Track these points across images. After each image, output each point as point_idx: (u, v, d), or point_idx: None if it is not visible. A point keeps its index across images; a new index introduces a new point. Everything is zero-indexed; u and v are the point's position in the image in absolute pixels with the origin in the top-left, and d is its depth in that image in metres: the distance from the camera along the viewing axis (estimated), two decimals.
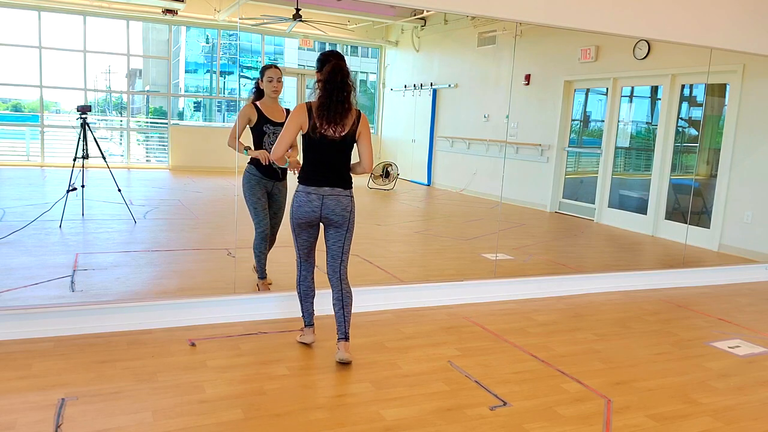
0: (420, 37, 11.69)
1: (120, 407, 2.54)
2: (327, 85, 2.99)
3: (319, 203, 3.06)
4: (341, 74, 3.00)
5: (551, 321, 4.09)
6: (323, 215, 3.08)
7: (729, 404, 2.95)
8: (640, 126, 7.98)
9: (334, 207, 3.08)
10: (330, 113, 2.99)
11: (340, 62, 3.04)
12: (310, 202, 3.06)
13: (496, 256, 5.63)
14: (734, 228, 6.44)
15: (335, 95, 2.98)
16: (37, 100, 10.30)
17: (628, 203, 7.87)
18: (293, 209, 3.10)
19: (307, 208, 3.06)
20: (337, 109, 2.99)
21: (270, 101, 3.98)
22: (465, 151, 10.40)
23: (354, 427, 2.51)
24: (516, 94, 9.30)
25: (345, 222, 3.12)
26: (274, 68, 3.96)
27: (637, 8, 4.58)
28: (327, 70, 3.01)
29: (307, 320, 3.33)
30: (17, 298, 3.73)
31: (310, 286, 3.30)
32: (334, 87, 2.98)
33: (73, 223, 5.92)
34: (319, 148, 3.06)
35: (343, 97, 3.00)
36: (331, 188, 3.07)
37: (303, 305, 3.31)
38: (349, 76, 3.04)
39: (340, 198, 3.09)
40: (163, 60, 12.43)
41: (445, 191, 10.62)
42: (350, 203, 3.13)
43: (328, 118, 3.00)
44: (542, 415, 2.70)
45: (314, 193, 3.06)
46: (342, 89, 3.00)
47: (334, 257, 3.18)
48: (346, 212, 3.11)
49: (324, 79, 3.00)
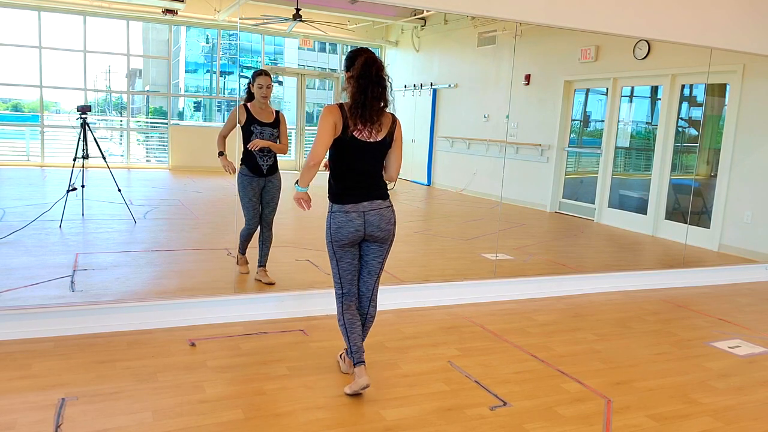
0: (420, 37, 11.69)
1: (120, 407, 2.54)
2: (361, 81, 2.64)
3: (362, 221, 2.74)
4: (376, 67, 2.66)
5: (551, 321, 4.09)
6: (367, 233, 2.77)
7: (729, 404, 2.95)
8: (640, 126, 7.97)
9: (378, 223, 2.77)
10: (365, 112, 2.64)
11: (373, 55, 2.71)
12: (351, 222, 2.74)
13: (496, 256, 5.63)
14: (734, 228, 6.44)
15: (371, 91, 2.64)
16: (37, 100, 10.29)
17: (628, 203, 7.86)
18: (331, 231, 2.77)
19: (349, 228, 2.74)
20: (373, 107, 2.65)
21: (259, 103, 4.26)
22: (465, 151, 10.40)
23: (354, 427, 2.51)
24: (516, 94, 9.30)
25: (389, 236, 2.84)
26: (265, 75, 4.28)
27: (637, 8, 4.58)
28: (360, 63, 2.66)
29: (358, 357, 2.79)
30: (17, 298, 3.72)
31: (355, 314, 2.88)
32: (369, 82, 2.64)
33: (73, 223, 5.92)
34: (353, 155, 2.72)
35: (380, 93, 2.66)
36: (370, 202, 2.75)
37: (350, 338, 2.82)
38: (384, 69, 2.70)
39: (382, 212, 2.77)
40: (163, 60, 12.43)
41: (445, 191, 10.61)
42: (393, 215, 2.83)
43: (364, 117, 2.65)
44: (542, 415, 2.70)
45: (353, 212, 2.73)
46: (378, 84, 2.66)
47: (371, 273, 2.89)
48: (390, 225, 2.82)
49: (357, 74, 2.65)
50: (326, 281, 4.55)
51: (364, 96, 2.63)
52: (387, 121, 2.73)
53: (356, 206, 2.73)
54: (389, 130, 2.75)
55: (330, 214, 2.78)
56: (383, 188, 2.82)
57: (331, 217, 2.77)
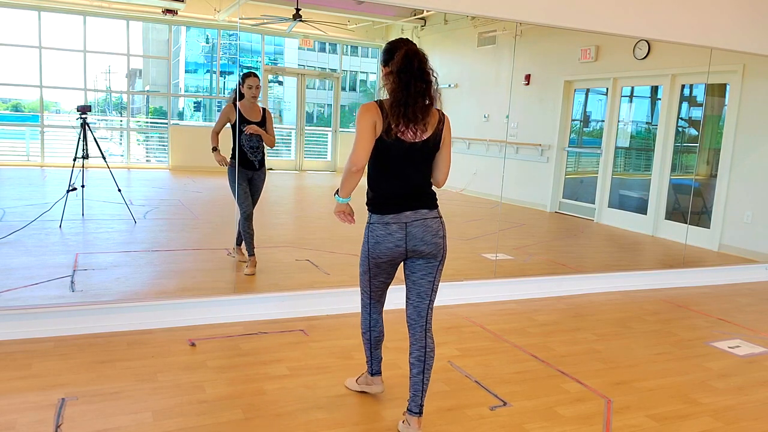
0: (420, 37, 11.68)
1: (120, 407, 2.54)
2: (402, 75, 2.32)
3: (403, 234, 2.39)
4: (418, 59, 2.34)
5: (551, 321, 4.09)
6: (410, 248, 2.41)
7: (729, 404, 2.95)
8: (640, 126, 7.98)
9: (423, 235, 2.40)
10: (408, 109, 2.31)
11: (414, 47, 2.39)
12: (390, 234, 2.39)
13: (496, 256, 5.63)
14: (734, 228, 6.44)
15: (414, 86, 2.32)
16: (37, 100, 10.29)
17: (628, 203, 7.86)
18: (369, 247, 2.45)
19: (389, 243, 2.40)
20: (417, 103, 2.32)
21: (249, 103, 4.47)
22: (465, 151, 10.40)
23: (354, 427, 2.51)
24: (516, 94, 9.30)
25: (439, 251, 2.43)
26: (254, 77, 4.48)
27: (637, 8, 4.58)
28: (400, 56, 2.34)
29: (376, 368, 2.74)
30: (17, 298, 3.72)
31: (382, 331, 2.71)
32: (412, 76, 2.32)
33: (73, 223, 5.92)
34: (394, 158, 2.38)
35: (424, 88, 2.34)
36: (413, 212, 2.39)
37: (373, 353, 2.73)
38: (427, 63, 2.38)
39: (427, 222, 2.40)
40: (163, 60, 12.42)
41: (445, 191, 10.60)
42: (441, 227, 2.45)
43: (407, 115, 2.32)
44: (542, 415, 2.70)
45: (394, 223, 2.39)
46: (421, 78, 2.34)
47: (421, 296, 2.47)
48: (438, 238, 2.42)
49: (398, 69, 2.33)
50: (326, 281, 4.56)
51: (406, 92, 2.31)
52: (433, 120, 2.40)
53: (397, 216, 2.39)
54: (435, 129, 2.40)
55: (368, 226, 2.46)
56: (431, 196, 2.47)
57: (369, 229, 2.45)
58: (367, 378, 2.81)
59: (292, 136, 12.41)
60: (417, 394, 2.43)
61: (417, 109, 2.32)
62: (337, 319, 3.81)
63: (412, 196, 2.42)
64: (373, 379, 2.78)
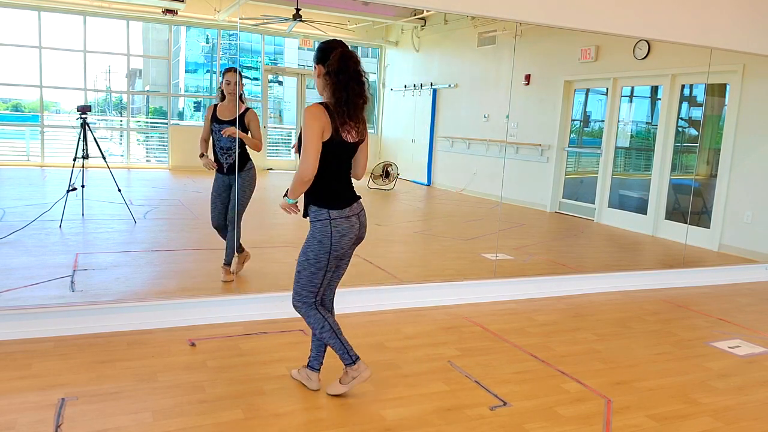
0: (420, 37, 11.69)
1: (120, 407, 2.54)
2: (341, 76, 2.42)
3: (359, 224, 2.63)
4: (353, 61, 2.45)
5: (551, 321, 4.09)
6: (359, 235, 2.67)
7: (729, 404, 2.95)
8: (640, 126, 7.98)
9: (365, 221, 2.69)
10: (351, 110, 2.44)
11: (348, 48, 2.49)
12: (353, 226, 2.59)
13: (496, 256, 5.63)
14: (734, 228, 6.44)
15: (352, 87, 2.43)
16: (37, 100, 10.30)
17: (628, 203, 7.87)
18: (333, 241, 2.54)
19: (351, 234, 2.59)
20: (357, 104, 2.46)
21: (227, 100, 4.27)
22: (465, 151, 10.40)
23: (354, 427, 2.51)
24: (516, 94, 9.30)
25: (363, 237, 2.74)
26: (233, 72, 4.22)
27: (637, 8, 4.58)
28: (336, 57, 2.44)
29: (355, 355, 2.70)
30: (17, 298, 3.73)
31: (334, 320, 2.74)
32: (350, 78, 2.43)
33: (73, 223, 5.92)
34: (339, 157, 2.54)
35: (362, 89, 2.46)
36: (357, 203, 2.63)
37: (341, 339, 2.68)
38: (360, 64, 2.49)
39: (363, 210, 2.68)
40: (163, 60, 12.43)
41: (445, 191, 10.61)
42: None
43: (350, 116, 2.45)
44: (542, 415, 2.70)
45: (353, 215, 2.59)
46: (358, 80, 2.45)
47: (339, 278, 2.80)
48: None
49: (335, 70, 2.42)
50: None
51: (346, 93, 2.42)
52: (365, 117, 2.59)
53: (353, 209, 2.59)
54: (362, 128, 2.58)
55: (329, 222, 2.53)
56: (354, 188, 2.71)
57: (333, 225, 2.53)
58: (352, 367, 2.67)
59: (292, 136, 12.41)
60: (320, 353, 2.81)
61: (358, 111, 2.49)
62: (337, 318, 3.80)
63: (351, 189, 2.64)
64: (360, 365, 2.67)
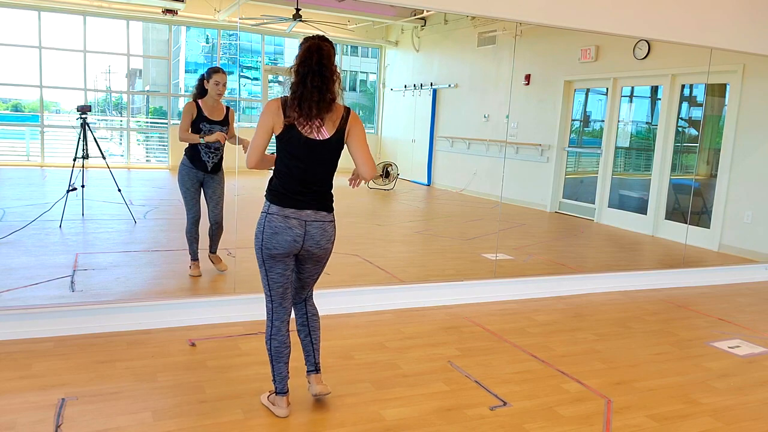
0: (420, 37, 11.68)
1: (120, 407, 2.54)
2: (300, 69, 2.34)
3: (302, 232, 2.40)
4: (318, 55, 2.34)
5: (551, 321, 4.09)
6: (305, 247, 2.44)
7: (729, 404, 2.95)
8: (640, 126, 7.97)
9: (320, 238, 2.44)
10: (304, 104, 2.32)
11: (321, 42, 2.38)
12: (290, 229, 2.38)
13: (496, 256, 5.63)
14: (734, 228, 6.44)
15: (310, 80, 2.32)
16: (37, 100, 10.29)
17: (628, 203, 7.86)
18: (264, 237, 2.40)
19: (287, 236, 2.39)
20: (313, 98, 2.32)
21: (212, 101, 4.22)
22: (465, 151, 10.39)
23: (354, 427, 2.51)
24: (516, 94, 9.30)
25: (326, 255, 2.54)
26: (222, 73, 4.19)
27: (637, 8, 4.58)
28: (302, 50, 2.36)
29: (280, 387, 2.53)
30: (17, 298, 3.72)
31: (284, 342, 2.52)
32: (309, 71, 2.32)
33: (73, 223, 5.91)
34: (296, 154, 2.39)
35: (321, 83, 2.33)
36: (314, 212, 2.42)
37: (275, 366, 2.52)
38: (330, 59, 2.37)
39: (325, 226, 2.45)
40: (163, 60, 12.42)
41: (445, 191, 10.61)
42: (334, 232, 2.52)
43: (301, 110, 2.33)
44: (542, 415, 2.70)
45: (294, 218, 2.39)
46: (320, 73, 2.33)
47: (304, 287, 2.62)
48: (330, 244, 2.51)
49: (297, 63, 2.36)
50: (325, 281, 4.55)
51: (302, 87, 2.32)
52: (336, 116, 2.40)
53: (298, 213, 2.39)
54: (339, 126, 2.40)
55: (265, 216, 2.42)
56: (329, 199, 2.50)
57: (267, 219, 2.40)
58: (273, 397, 2.56)
59: None
60: (309, 354, 2.63)
61: (313, 105, 2.32)
62: (337, 319, 3.81)
63: (313, 194, 2.43)
64: (278, 398, 2.53)
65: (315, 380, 2.62)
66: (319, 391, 2.59)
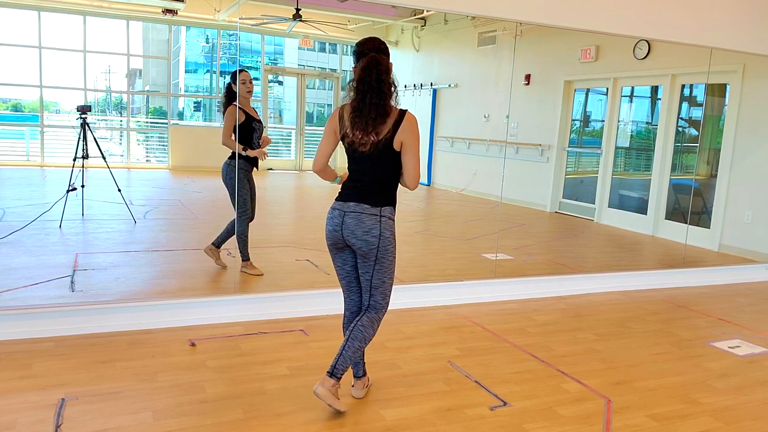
0: (420, 37, 11.68)
1: (120, 407, 2.54)
2: (360, 86, 2.46)
3: (340, 221, 2.54)
4: (377, 71, 2.44)
5: (551, 321, 4.09)
6: (344, 236, 2.54)
7: (729, 404, 2.95)
8: (640, 126, 7.98)
9: (354, 228, 2.50)
10: (362, 120, 2.45)
11: (378, 56, 2.48)
12: (333, 218, 2.57)
13: (496, 256, 5.63)
14: (734, 228, 6.44)
15: (369, 97, 2.44)
16: (37, 100, 10.29)
17: (628, 203, 7.87)
18: (326, 228, 2.62)
19: (330, 225, 2.57)
20: (370, 115, 2.44)
21: (245, 101, 4.35)
22: (465, 151, 10.40)
23: (354, 427, 2.51)
24: (516, 94, 9.30)
25: (371, 251, 2.52)
26: (246, 72, 4.35)
27: (637, 8, 4.58)
28: (361, 65, 2.47)
29: (356, 371, 2.79)
30: (17, 298, 3.72)
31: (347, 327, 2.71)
32: (368, 88, 2.44)
33: (73, 223, 5.92)
34: (352, 157, 2.58)
35: (379, 99, 2.44)
36: (356, 203, 2.52)
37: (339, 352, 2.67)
38: (389, 72, 2.48)
39: (362, 217, 2.50)
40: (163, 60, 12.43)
41: (445, 191, 10.61)
42: (376, 225, 2.50)
43: (357, 125, 2.46)
44: (542, 415, 2.70)
45: (337, 209, 2.56)
46: (378, 90, 2.43)
47: (364, 288, 2.64)
48: (371, 236, 2.50)
49: (358, 78, 2.47)
50: (326, 281, 4.56)
51: (362, 103, 2.44)
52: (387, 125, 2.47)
53: (343, 204, 2.56)
54: (387, 134, 2.47)
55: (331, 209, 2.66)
56: (378, 195, 2.53)
57: (330, 212, 2.63)
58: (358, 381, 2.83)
59: (292, 136, 12.41)
60: (336, 356, 2.55)
61: (369, 121, 2.45)
62: (337, 319, 3.80)
63: (361, 190, 2.55)
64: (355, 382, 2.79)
65: (324, 382, 2.52)
66: (320, 394, 2.52)
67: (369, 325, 2.58)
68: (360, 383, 2.79)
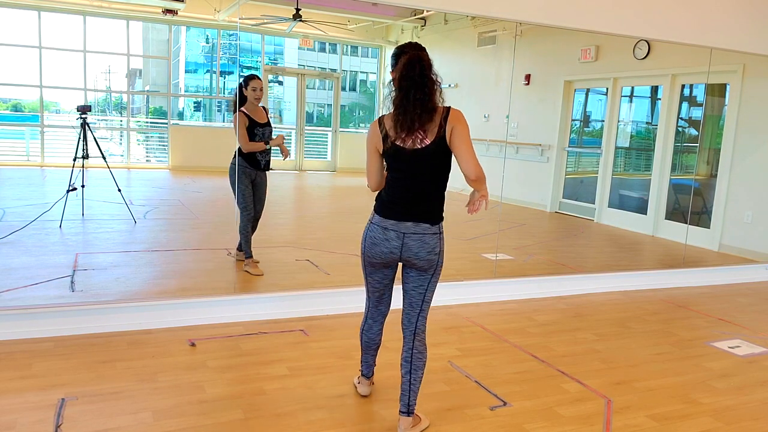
0: (420, 37, 11.67)
1: (120, 407, 2.54)
2: (403, 83, 2.33)
3: (399, 243, 2.39)
4: (420, 66, 2.32)
5: (551, 321, 4.09)
6: (404, 257, 2.42)
7: (729, 404, 2.95)
8: (640, 126, 7.97)
9: (418, 250, 2.39)
10: (407, 117, 2.32)
11: (420, 52, 2.39)
12: (388, 241, 2.40)
13: (496, 256, 5.63)
14: (734, 228, 6.44)
15: (413, 94, 2.31)
16: (37, 100, 10.29)
17: (628, 203, 7.86)
18: (365, 245, 2.46)
19: (384, 248, 2.41)
20: (416, 111, 2.31)
21: (252, 106, 4.46)
22: None
23: (354, 427, 2.51)
24: (516, 94, 9.30)
25: (432, 266, 2.43)
26: (258, 79, 4.49)
27: (637, 8, 4.58)
28: (403, 62, 2.35)
29: (365, 371, 2.80)
30: (17, 298, 3.73)
31: (374, 339, 2.70)
32: (412, 84, 2.31)
33: (73, 223, 5.92)
34: (399, 167, 2.40)
35: (423, 96, 2.31)
36: (414, 224, 2.38)
37: (363, 355, 2.78)
38: (431, 68, 2.36)
39: (425, 238, 2.38)
40: (163, 60, 12.43)
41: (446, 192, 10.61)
42: (438, 242, 2.42)
43: (402, 124, 2.33)
44: (542, 415, 2.70)
45: (393, 230, 2.39)
46: (421, 85, 2.31)
47: (412, 306, 2.49)
48: (434, 254, 2.41)
49: (399, 76, 2.35)
50: (326, 281, 4.56)
51: (406, 101, 2.32)
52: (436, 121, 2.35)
53: (397, 225, 2.38)
54: (438, 133, 2.35)
55: (369, 225, 2.47)
56: (435, 210, 2.44)
57: (369, 228, 2.46)
58: (359, 378, 2.87)
59: (292, 136, 12.41)
60: (404, 394, 2.47)
61: (415, 117, 2.31)
62: (337, 319, 3.81)
63: (415, 205, 2.39)
64: (362, 380, 2.84)
65: (404, 424, 2.45)
66: None
67: (424, 350, 2.52)
68: (368, 382, 2.83)
